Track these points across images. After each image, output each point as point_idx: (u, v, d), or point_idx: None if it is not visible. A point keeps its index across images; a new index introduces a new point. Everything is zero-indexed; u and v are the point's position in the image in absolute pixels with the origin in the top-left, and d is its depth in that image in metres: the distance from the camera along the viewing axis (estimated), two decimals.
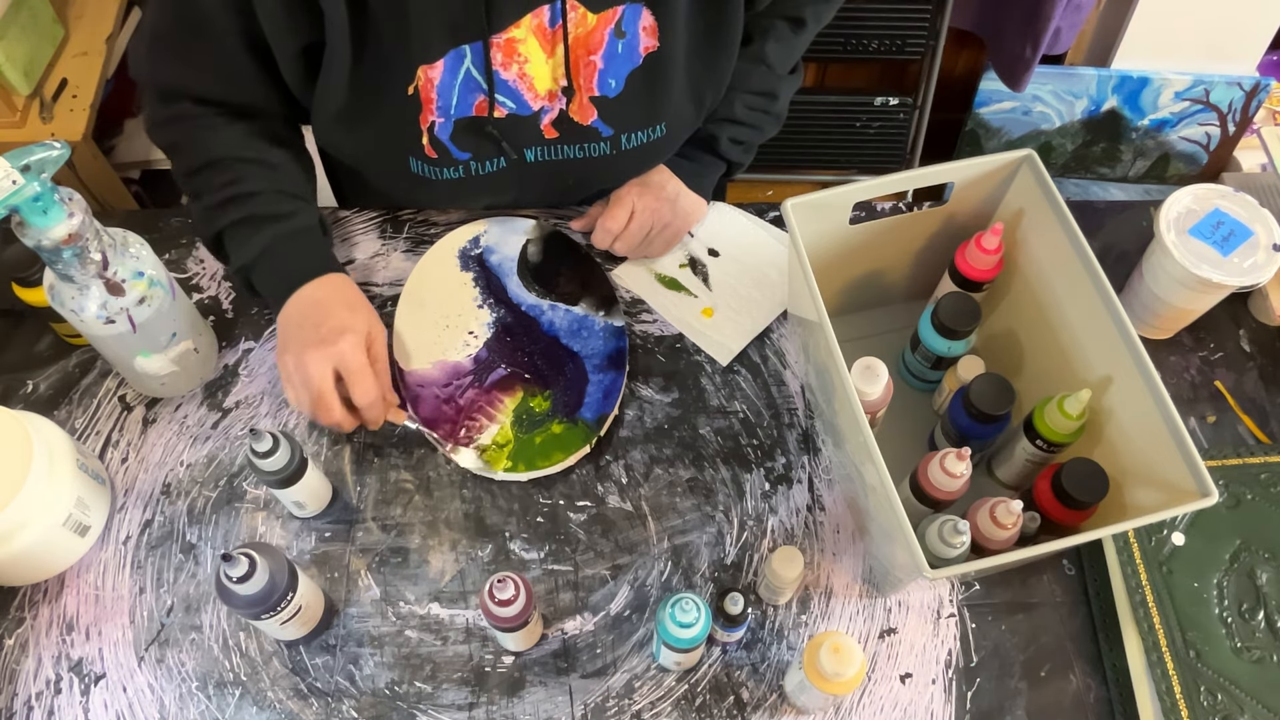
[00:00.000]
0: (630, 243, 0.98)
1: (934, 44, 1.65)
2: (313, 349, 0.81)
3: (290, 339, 0.83)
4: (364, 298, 0.88)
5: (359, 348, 0.82)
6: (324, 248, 0.91)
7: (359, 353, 0.82)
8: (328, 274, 0.87)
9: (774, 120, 1.03)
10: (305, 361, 0.81)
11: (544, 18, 0.81)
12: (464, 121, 0.86)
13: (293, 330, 0.84)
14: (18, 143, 0.82)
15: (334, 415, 0.82)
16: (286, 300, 0.85)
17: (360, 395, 0.82)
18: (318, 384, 0.80)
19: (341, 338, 0.81)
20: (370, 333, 0.85)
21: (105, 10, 1.51)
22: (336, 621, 0.83)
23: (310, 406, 0.82)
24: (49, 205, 0.71)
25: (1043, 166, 0.83)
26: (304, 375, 0.81)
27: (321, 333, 0.82)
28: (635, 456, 0.92)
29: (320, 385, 0.80)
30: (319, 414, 0.82)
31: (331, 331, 0.82)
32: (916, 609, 0.85)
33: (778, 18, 0.97)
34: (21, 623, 0.83)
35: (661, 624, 0.74)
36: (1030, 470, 0.86)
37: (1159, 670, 0.79)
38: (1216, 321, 1.00)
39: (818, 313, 0.77)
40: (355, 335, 0.82)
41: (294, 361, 0.82)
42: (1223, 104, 1.72)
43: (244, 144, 0.86)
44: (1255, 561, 0.84)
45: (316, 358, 0.80)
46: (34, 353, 0.95)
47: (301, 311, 0.85)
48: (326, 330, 0.82)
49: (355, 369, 0.82)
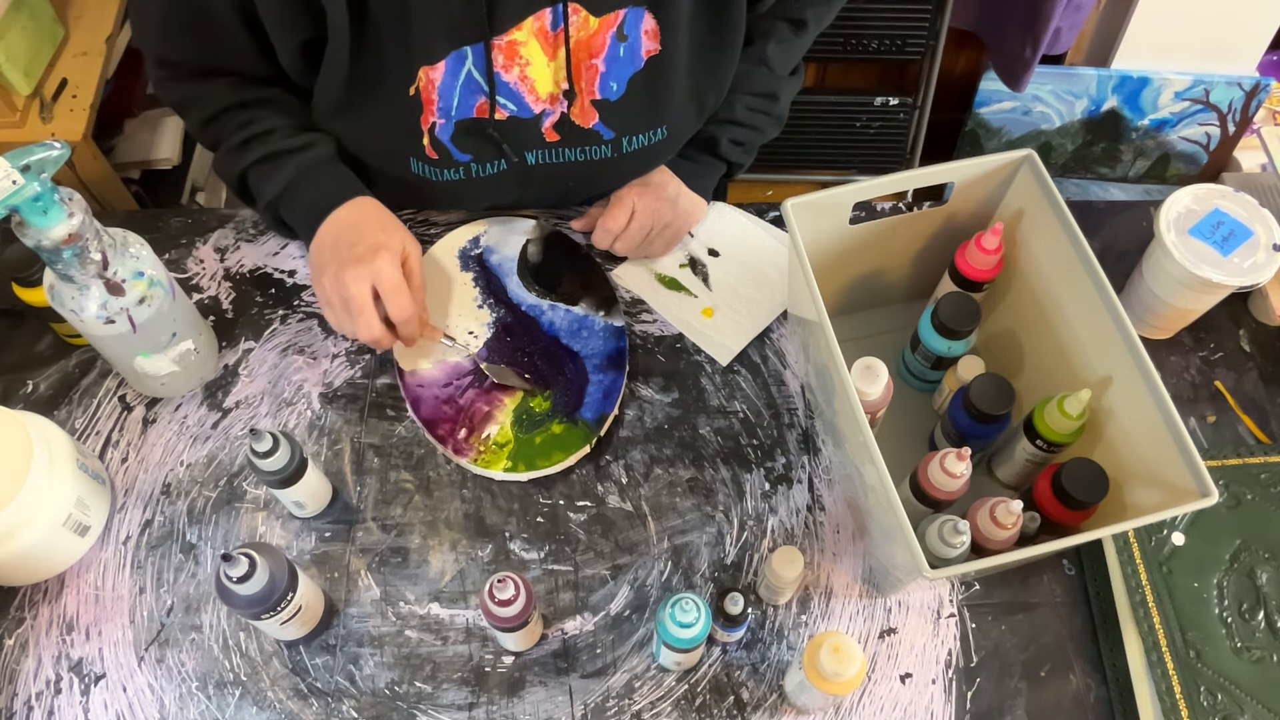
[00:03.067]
0: (630, 243, 0.98)
1: (934, 44, 1.65)
2: (350, 267, 0.82)
3: (326, 260, 0.84)
4: (395, 218, 0.89)
5: (395, 265, 0.83)
6: (347, 173, 0.91)
7: (395, 270, 0.83)
8: (356, 197, 0.88)
9: (775, 121, 1.03)
10: (344, 280, 0.81)
11: (546, 20, 0.81)
12: (465, 123, 0.86)
13: (328, 253, 0.85)
14: (18, 143, 0.82)
15: (374, 331, 0.83)
16: (319, 227, 0.86)
17: (397, 311, 0.83)
18: (358, 301, 0.81)
19: (377, 256, 0.82)
20: (405, 249, 0.85)
21: (105, 10, 1.50)
22: (336, 621, 0.83)
23: (350, 323, 0.83)
24: (49, 205, 0.71)
25: (1043, 166, 0.83)
26: (343, 293, 0.82)
27: (358, 251, 0.82)
28: (635, 456, 0.92)
29: (360, 301, 0.81)
30: (360, 330, 0.83)
31: (368, 250, 0.82)
32: (916, 609, 0.85)
33: (778, 19, 0.97)
34: (21, 623, 0.83)
35: (661, 624, 0.74)
36: (1030, 470, 0.86)
37: (1159, 670, 0.79)
38: (1216, 321, 1.00)
39: (818, 313, 0.77)
40: (390, 253, 0.83)
41: (331, 281, 0.82)
42: (1223, 104, 1.72)
43: (249, 89, 0.88)
44: (1255, 561, 0.84)
45: (354, 275, 0.81)
46: (34, 353, 0.95)
47: (335, 234, 0.85)
48: (363, 249, 0.82)
49: (391, 286, 0.82)
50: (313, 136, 0.89)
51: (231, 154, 0.88)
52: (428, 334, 0.89)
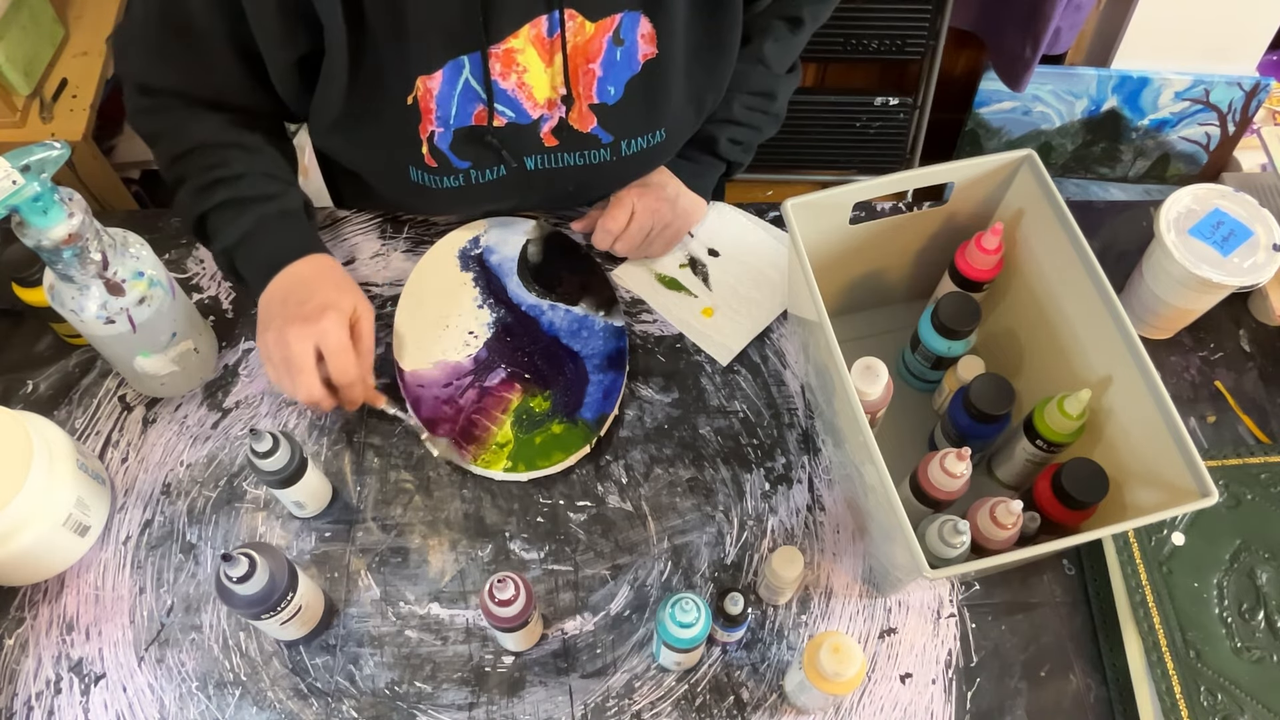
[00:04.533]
0: (630, 243, 0.98)
1: (934, 44, 1.65)
2: (295, 325, 0.79)
3: (273, 315, 0.82)
4: (350, 279, 0.87)
5: (342, 326, 0.80)
6: (309, 229, 0.89)
7: (341, 331, 0.80)
8: (313, 254, 0.85)
9: (773, 120, 1.03)
10: (287, 338, 0.79)
11: (542, 27, 0.81)
12: (463, 131, 0.86)
13: (276, 307, 0.82)
14: (18, 143, 0.82)
15: (313, 393, 0.80)
16: (270, 281, 0.84)
17: (339, 374, 0.81)
18: (299, 360, 0.79)
19: (324, 315, 0.79)
20: (356, 311, 0.83)
21: (105, 10, 1.51)
22: (336, 621, 0.83)
23: (289, 384, 0.80)
24: (49, 205, 0.71)
25: (1043, 166, 0.83)
26: (285, 352, 0.79)
27: (305, 310, 0.80)
28: (635, 456, 0.92)
29: (301, 362, 0.79)
30: (299, 391, 0.80)
31: (315, 309, 0.80)
32: (916, 609, 0.85)
33: (775, 18, 0.97)
34: (21, 623, 0.83)
35: (661, 624, 0.74)
36: (1030, 470, 0.86)
37: (1159, 670, 0.79)
38: (1216, 321, 1.00)
39: (818, 313, 0.77)
40: (338, 313, 0.80)
41: (275, 338, 0.80)
42: (1223, 104, 1.72)
43: (227, 130, 0.85)
44: (1255, 561, 0.84)
45: (298, 334, 0.79)
46: (34, 353, 0.95)
47: (285, 289, 0.83)
48: (311, 308, 0.80)
49: (335, 348, 0.80)
50: (281, 188, 0.87)
51: (196, 194, 0.85)
52: (371, 398, 0.86)
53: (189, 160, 0.85)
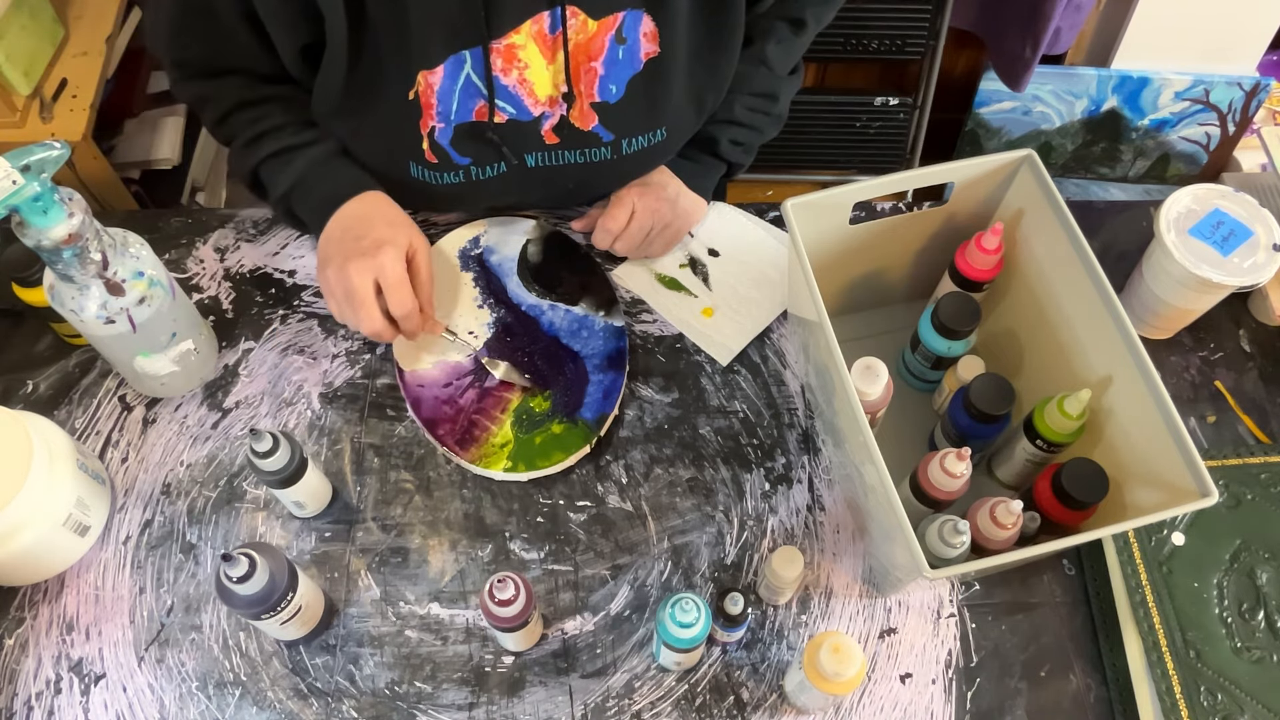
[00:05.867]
0: (630, 243, 0.98)
1: (934, 44, 1.65)
2: (354, 260, 0.83)
3: (332, 253, 0.85)
4: (404, 214, 0.90)
5: (399, 260, 0.84)
6: (356, 168, 0.92)
7: (399, 265, 0.84)
8: (366, 192, 0.89)
9: (774, 121, 1.03)
10: (348, 272, 0.83)
11: (544, 24, 0.81)
12: (464, 127, 0.86)
13: (334, 245, 0.86)
14: (18, 143, 0.82)
15: (375, 324, 0.84)
16: (328, 220, 0.87)
17: (397, 306, 0.84)
18: (360, 294, 0.82)
19: (381, 250, 0.83)
20: (412, 245, 0.86)
21: (105, 10, 1.50)
22: (336, 621, 0.83)
23: (353, 316, 0.84)
24: (49, 205, 0.71)
25: (1043, 166, 0.83)
26: (346, 286, 0.83)
27: (363, 245, 0.84)
28: (635, 456, 0.92)
29: (362, 295, 0.82)
30: (361, 323, 0.84)
31: (373, 244, 0.83)
32: (916, 609, 0.85)
33: (778, 19, 0.96)
34: (21, 623, 0.83)
35: (661, 624, 0.74)
36: (1030, 470, 0.86)
37: (1159, 670, 0.79)
38: (1216, 321, 1.00)
39: (818, 313, 0.77)
40: (395, 248, 0.84)
41: (335, 273, 0.84)
42: (1223, 104, 1.72)
43: (260, 87, 0.89)
44: (1255, 561, 0.84)
45: (358, 268, 0.82)
46: (34, 353, 0.95)
47: (343, 226, 0.87)
48: (368, 243, 0.84)
49: (394, 281, 0.83)
50: (320, 133, 0.90)
51: (243, 150, 0.89)
52: (430, 328, 0.90)
53: (233, 120, 0.89)
